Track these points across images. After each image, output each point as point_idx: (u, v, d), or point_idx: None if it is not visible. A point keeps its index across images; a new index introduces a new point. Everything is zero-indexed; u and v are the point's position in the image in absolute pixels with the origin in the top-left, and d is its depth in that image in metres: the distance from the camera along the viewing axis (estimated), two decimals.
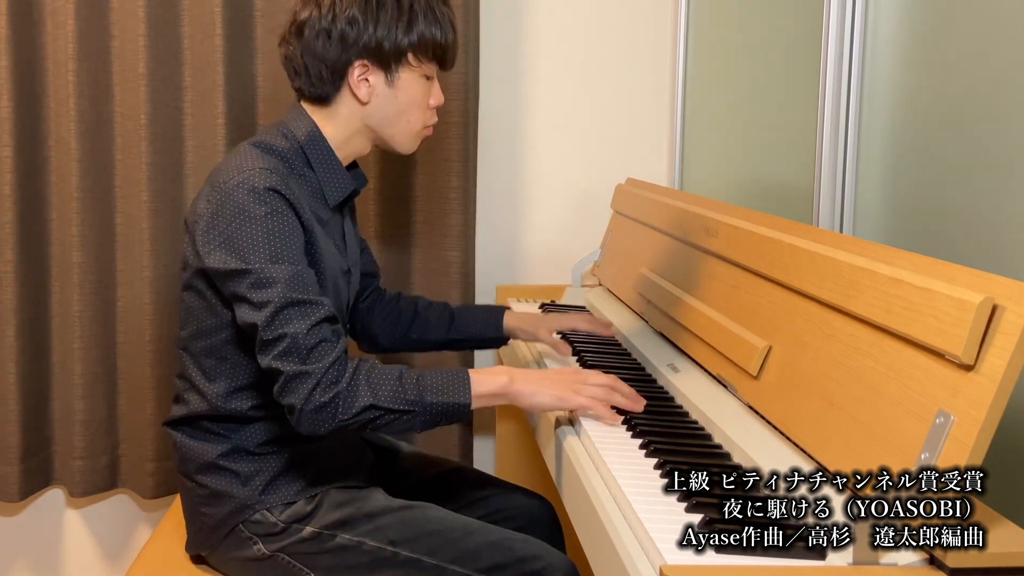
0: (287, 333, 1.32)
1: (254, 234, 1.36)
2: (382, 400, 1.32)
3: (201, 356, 1.48)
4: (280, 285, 1.34)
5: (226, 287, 1.39)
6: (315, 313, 1.34)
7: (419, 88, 1.52)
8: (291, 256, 1.37)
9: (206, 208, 1.41)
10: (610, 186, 2.33)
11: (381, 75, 1.49)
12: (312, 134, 1.51)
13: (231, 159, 1.46)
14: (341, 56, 1.47)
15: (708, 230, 1.63)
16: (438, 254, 2.25)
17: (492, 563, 1.41)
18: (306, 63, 1.49)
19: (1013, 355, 0.89)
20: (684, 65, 2.32)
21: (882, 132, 1.51)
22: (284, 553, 1.45)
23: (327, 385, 1.31)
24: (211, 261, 1.38)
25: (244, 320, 1.37)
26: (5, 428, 2.21)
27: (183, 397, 1.52)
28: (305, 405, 1.31)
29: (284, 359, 1.32)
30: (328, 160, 1.52)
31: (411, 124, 1.55)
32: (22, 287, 2.19)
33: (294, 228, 1.40)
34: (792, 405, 1.20)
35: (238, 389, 1.48)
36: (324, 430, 1.33)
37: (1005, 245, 1.23)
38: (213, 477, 1.48)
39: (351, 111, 1.52)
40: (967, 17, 1.33)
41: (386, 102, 1.51)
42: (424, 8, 1.49)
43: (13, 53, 2.13)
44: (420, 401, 1.34)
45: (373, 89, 1.50)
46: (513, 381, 1.37)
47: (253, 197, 1.37)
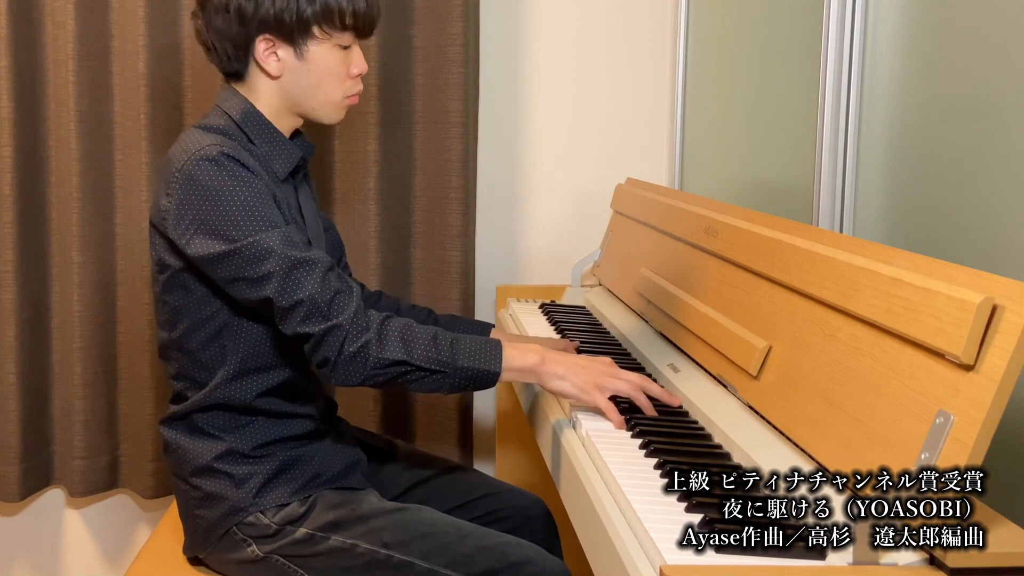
0: (303, 298, 1.33)
1: (228, 209, 1.35)
2: (415, 358, 1.35)
3: (199, 351, 1.47)
4: (276, 253, 1.34)
5: (217, 272, 1.38)
6: (318, 268, 1.35)
7: (333, 58, 1.47)
8: (272, 219, 1.36)
9: (169, 201, 1.39)
10: (610, 186, 2.33)
11: (289, 49, 1.45)
12: (246, 111, 1.48)
13: (177, 145, 1.44)
14: (241, 32, 1.43)
15: (708, 230, 1.63)
16: (438, 254, 2.25)
17: (486, 567, 1.41)
18: (211, 40, 1.47)
19: (1013, 355, 0.89)
20: (684, 65, 2.32)
21: (882, 132, 1.51)
22: (278, 555, 1.45)
23: (356, 334, 1.33)
24: (193, 250, 1.36)
25: (249, 299, 1.37)
26: (5, 428, 2.22)
27: (184, 395, 1.51)
28: (338, 357, 1.33)
29: (308, 322, 1.34)
30: (267, 133, 1.49)
31: (330, 95, 1.50)
32: (22, 287, 2.19)
33: (262, 190, 1.38)
34: (792, 405, 1.20)
35: (240, 375, 1.46)
36: (357, 379, 1.35)
37: (1005, 245, 1.23)
38: (207, 480, 1.48)
39: (267, 87, 1.49)
40: (967, 17, 1.33)
41: (299, 76, 1.47)
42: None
43: (13, 53, 2.13)
44: (452, 363, 1.36)
45: (283, 64, 1.46)
46: (544, 362, 1.38)
47: (212, 170, 1.36)
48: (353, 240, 2.22)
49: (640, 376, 1.42)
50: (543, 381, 1.39)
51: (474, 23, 2.21)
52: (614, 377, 1.39)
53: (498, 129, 2.37)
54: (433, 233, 2.25)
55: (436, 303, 2.24)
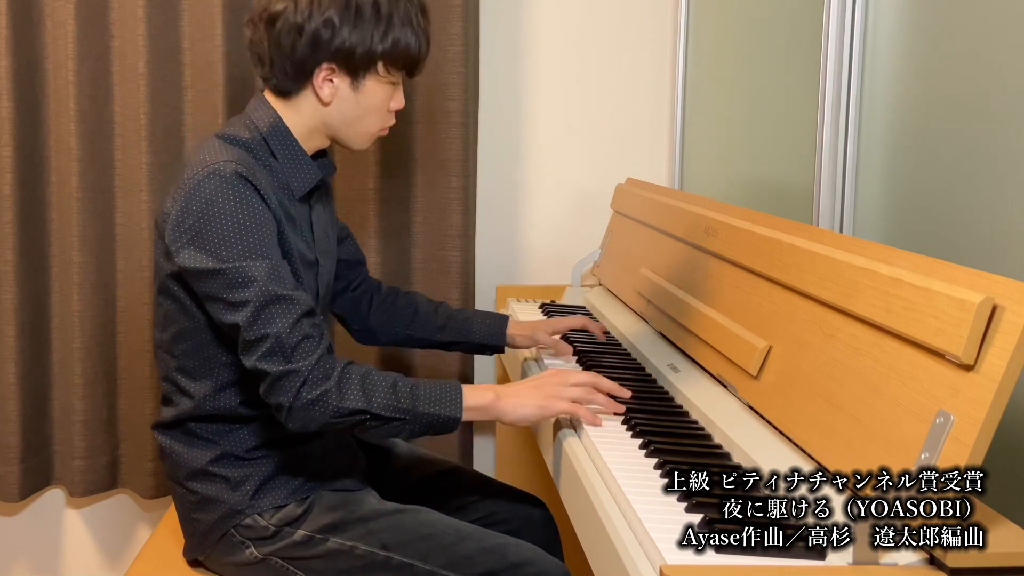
0: (269, 333, 1.31)
1: (225, 229, 1.34)
2: (375, 407, 1.33)
3: (184, 357, 1.46)
4: (259, 282, 1.32)
5: (199, 287, 1.37)
6: (295, 309, 1.33)
7: (382, 94, 1.49)
8: (265, 249, 1.35)
9: (172, 206, 1.38)
10: (610, 186, 2.33)
11: (347, 79, 1.46)
12: (274, 124, 1.48)
13: (197, 154, 1.43)
14: (310, 56, 1.43)
15: (708, 230, 1.63)
16: (438, 254, 2.25)
17: (485, 568, 1.41)
18: (272, 55, 1.46)
19: (1013, 355, 0.89)
20: (684, 65, 2.32)
21: (882, 132, 1.51)
22: (276, 557, 1.45)
23: (315, 382, 1.31)
24: (182, 259, 1.36)
25: (222, 320, 1.36)
26: (5, 428, 2.21)
27: (171, 399, 1.51)
28: (294, 402, 1.31)
29: (269, 359, 1.32)
30: (292, 150, 1.49)
31: (368, 127, 1.52)
32: (22, 287, 2.19)
33: (266, 218, 1.37)
34: (792, 405, 1.20)
35: (224, 387, 1.46)
36: (313, 427, 1.33)
37: (1005, 245, 1.23)
38: (203, 483, 1.47)
39: (311, 109, 1.49)
40: (967, 17, 1.33)
41: (347, 105, 1.48)
42: (402, 17, 1.45)
43: (13, 53, 2.13)
44: (412, 410, 1.35)
45: (336, 91, 1.46)
46: (498, 398, 1.38)
47: (220, 186, 1.35)
48: None
49: (589, 374, 1.42)
50: (501, 417, 1.38)
51: (474, 23, 2.21)
52: (565, 384, 1.39)
53: (498, 129, 2.37)
54: (433, 233, 2.25)
55: None
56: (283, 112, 1.49)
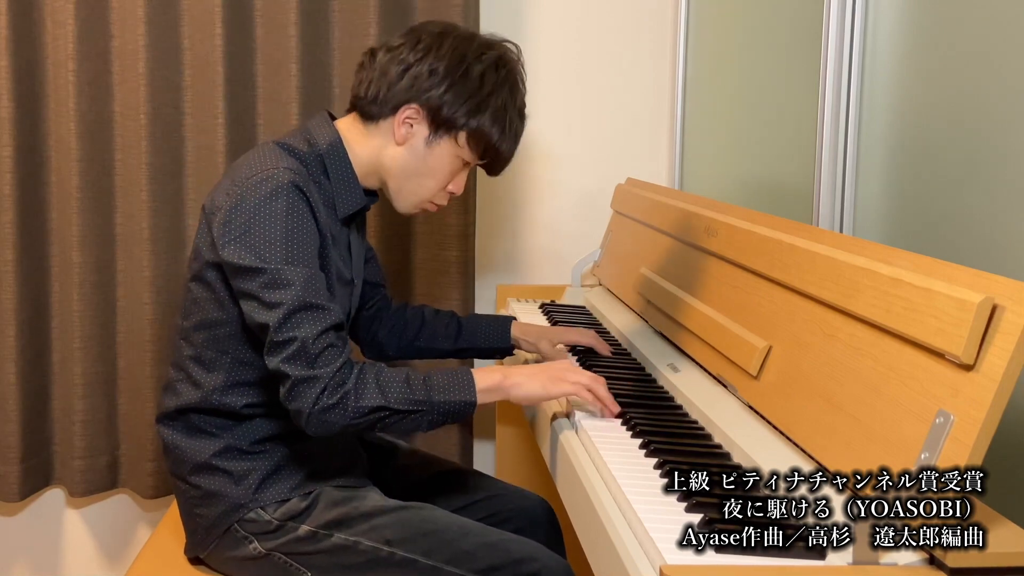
0: (297, 337, 1.33)
1: (272, 232, 1.37)
2: (392, 402, 1.34)
3: (202, 347, 1.48)
4: (295, 288, 1.35)
5: (237, 282, 1.40)
6: (326, 319, 1.35)
7: (449, 164, 1.52)
8: (307, 258, 1.38)
9: (225, 200, 1.41)
10: (610, 186, 2.33)
11: (425, 130, 1.49)
12: (334, 144, 1.51)
13: (255, 155, 1.47)
14: (404, 93, 1.48)
15: (708, 230, 1.63)
16: (438, 254, 2.25)
17: (488, 564, 1.41)
18: (372, 79, 1.51)
19: (1013, 355, 0.89)
20: (684, 65, 2.32)
21: (882, 132, 1.51)
22: (280, 552, 1.45)
23: (334, 387, 1.33)
24: (227, 254, 1.38)
25: (253, 319, 1.38)
26: (5, 428, 2.21)
27: (175, 387, 1.51)
28: (313, 408, 1.32)
29: (292, 363, 1.33)
30: (345, 172, 1.52)
31: (421, 189, 1.54)
32: (22, 287, 2.19)
33: (311, 230, 1.41)
34: (792, 405, 1.20)
35: (235, 384, 1.48)
36: (335, 430, 1.35)
37: (1005, 245, 1.23)
38: (206, 478, 1.48)
39: (382, 144, 1.52)
40: (967, 17, 1.33)
41: (413, 156, 1.51)
42: (498, 106, 1.49)
43: (13, 53, 2.13)
44: (428, 401, 1.36)
45: (411, 137, 1.50)
46: (507, 377, 1.40)
47: (275, 192, 1.38)
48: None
49: (594, 377, 1.42)
50: (508, 394, 1.41)
51: (474, 23, 2.21)
52: (572, 371, 1.42)
53: None
54: (433, 233, 2.25)
55: (436, 303, 2.24)
56: (354, 138, 1.53)
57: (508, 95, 1.51)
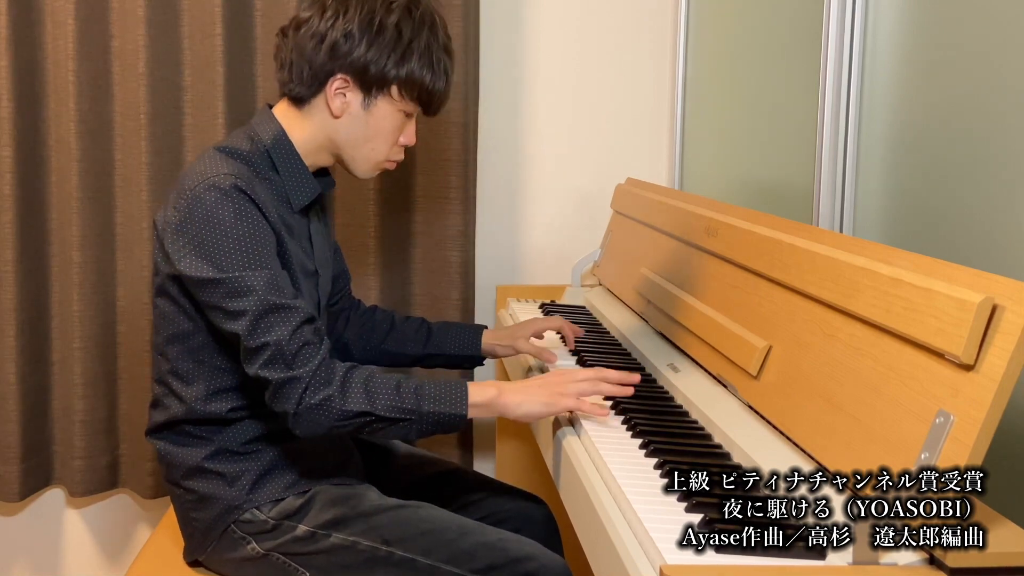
0: (269, 341, 1.33)
1: (225, 240, 1.36)
2: (379, 408, 1.34)
3: (178, 360, 1.48)
4: (257, 292, 1.34)
5: (199, 295, 1.39)
6: (295, 317, 1.35)
7: (393, 121, 1.50)
8: (264, 260, 1.37)
9: (174, 214, 1.40)
10: (610, 186, 2.33)
11: (359, 95, 1.47)
12: (278, 137, 1.50)
13: (197, 164, 1.45)
14: (326, 64, 1.46)
15: (708, 230, 1.63)
16: (438, 254, 2.25)
17: (486, 563, 1.41)
18: (292, 59, 1.48)
19: (1013, 355, 0.89)
20: (684, 65, 2.32)
21: (882, 132, 1.51)
22: (278, 552, 1.45)
23: (316, 387, 1.33)
24: (183, 267, 1.38)
25: (222, 327, 1.38)
26: (5, 428, 2.22)
27: (161, 402, 1.52)
28: (298, 408, 1.33)
29: (270, 367, 1.33)
30: (293, 164, 1.51)
31: (374, 153, 1.52)
32: (22, 287, 2.19)
33: (264, 230, 1.39)
34: (792, 405, 1.20)
35: (217, 392, 1.47)
36: (320, 431, 1.35)
37: (1005, 245, 1.23)
38: (200, 481, 1.48)
39: (322, 121, 1.50)
40: (967, 17, 1.33)
41: (355, 123, 1.49)
42: (422, 49, 1.47)
43: (13, 53, 2.13)
44: (417, 410, 1.36)
45: (347, 106, 1.48)
46: (502, 394, 1.38)
47: (220, 199, 1.37)
48: (353, 240, 2.22)
49: (594, 370, 1.43)
50: (505, 413, 1.39)
51: (474, 23, 2.21)
52: (571, 382, 1.39)
53: (498, 129, 2.37)
54: (433, 233, 2.25)
55: (436, 303, 2.24)
56: (292, 124, 1.51)
57: (429, 34, 1.48)
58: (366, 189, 2.21)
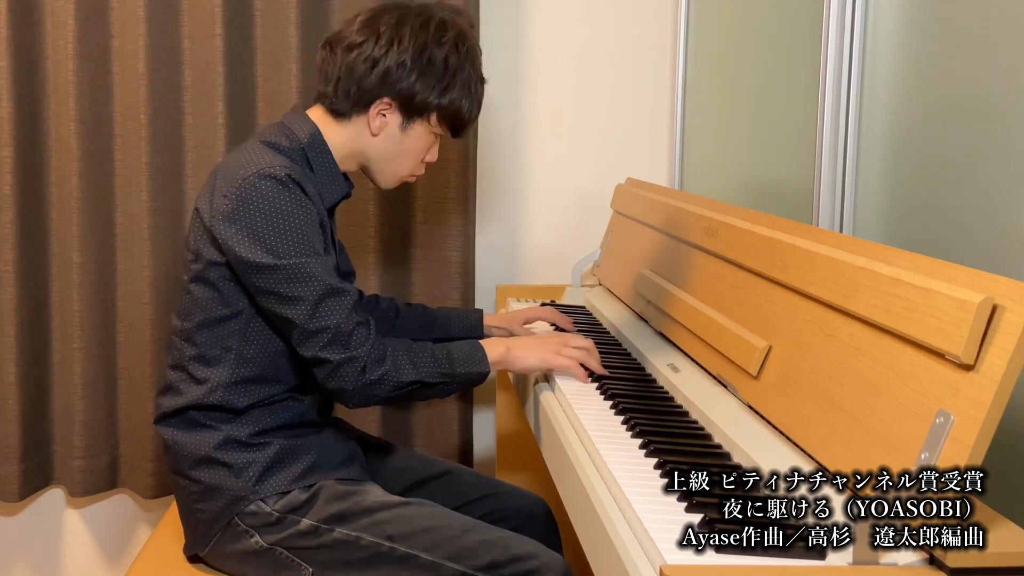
0: (329, 325, 1.42)
1: (284, 227, 1.42)
2: (425, 375, 1.47)
3: (206, 346, 1.50)
4: (316, 279, 1.42)
5: (254, 280, 1.44)
6: (348, 300, 1.44)
7: (424, 143, 1.60)
8: (317, 246, 1.45)
9: (225, 203, 1.44)
10: (610, 186, 2.33)
11: (398, 118, 1.56)
12: (314, 136, 1.56)
13: (243, 154, 1.49)
14: (375, 88, 1.54)
15: (708, 230, 1.63)
16: (438, 254, 2.25)
17: (488, 561, 1.43)
18: (340, 76, 1.55)
19: (1013, 355, 0.89)
20: (684, 65, 2.32)
21: (882, 132, 1.51)
22: (281, 547, 1.46)
23: (373, 365, 1.44)
24: (241, 252, 1.42)
25: (275, 311, 1.44)
26: (5, 428, 2.22)
27: (176, 388, 1.53)
28: (356, 385, 1.43)
29: (330, 349, 1.42)
30: (328, 163, 1.57)
31: (401, 169, 1.62)
32: (22, 287, 2.19)
33: (314, 217, 1.47)
34: (792, 405, 1.20)
35: (237, 382, 1.49)
36: (374, 403, 1.50)
37: (1005, 245, 1.23)
38: (206, 471, 1.49)
39: (357, 134, 1.58)
40: (967, 17, 1.33)
41: (390, 142, 1.58)
42: (464, 81, 1.56)
43: (13, 53, 2.13)
44: (451, 372, 1.49)
45: (385, 126, 1.56)
46: (509, 350, 1.54)
47: (277, 188, 1.43)
48: (353, 240, 2.22)
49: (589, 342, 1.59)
50: (511, 366, 1.55)
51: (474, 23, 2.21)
52: (566, 345, 1.56)
53: (498, 129, 2.37)
54: (433, 233, 2.25)
55: (436, 303, 2.24)
56: (327, 129, 1.58)
57: (471, 68, 1.58)
58: (366, 189, 2.21)
